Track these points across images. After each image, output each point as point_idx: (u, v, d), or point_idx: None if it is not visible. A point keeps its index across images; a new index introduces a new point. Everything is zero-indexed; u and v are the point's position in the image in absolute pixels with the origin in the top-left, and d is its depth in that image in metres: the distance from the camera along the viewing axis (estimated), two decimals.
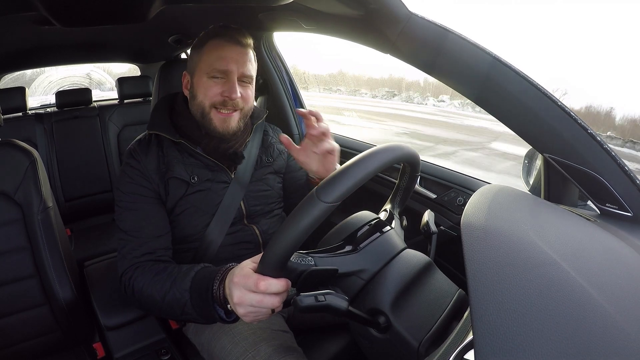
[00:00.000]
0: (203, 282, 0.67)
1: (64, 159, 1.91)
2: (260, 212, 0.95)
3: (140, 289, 0.76)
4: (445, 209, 1.10)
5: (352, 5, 0.74)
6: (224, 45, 0.84)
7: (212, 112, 0.85)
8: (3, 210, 0.89)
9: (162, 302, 0.72)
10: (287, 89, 1.57)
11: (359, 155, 0.52)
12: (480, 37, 1.92)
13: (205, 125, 0.87)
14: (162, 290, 0.72)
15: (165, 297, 0.71)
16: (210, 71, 0.84)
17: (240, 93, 0.85)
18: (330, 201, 0.46)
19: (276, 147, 1.03)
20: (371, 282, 0.59)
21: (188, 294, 0.68)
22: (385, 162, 0.53)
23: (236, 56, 0.84)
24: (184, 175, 0.87)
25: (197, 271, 0.70)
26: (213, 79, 0.84)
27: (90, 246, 1.72)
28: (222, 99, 0.84)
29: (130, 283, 0.78)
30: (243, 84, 0.87)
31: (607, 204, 0.65)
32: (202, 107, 0.86)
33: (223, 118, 0.86)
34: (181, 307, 0.70)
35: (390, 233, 0.66)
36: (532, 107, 0.64)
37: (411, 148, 0.64)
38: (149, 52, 1.93)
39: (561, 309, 0.37)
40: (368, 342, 0.59)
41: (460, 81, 0.71)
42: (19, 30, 1.11)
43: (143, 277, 0.76)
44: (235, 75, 0.84)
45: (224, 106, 0.85)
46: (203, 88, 0.85)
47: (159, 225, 0.84)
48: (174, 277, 0.72)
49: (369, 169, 0.50)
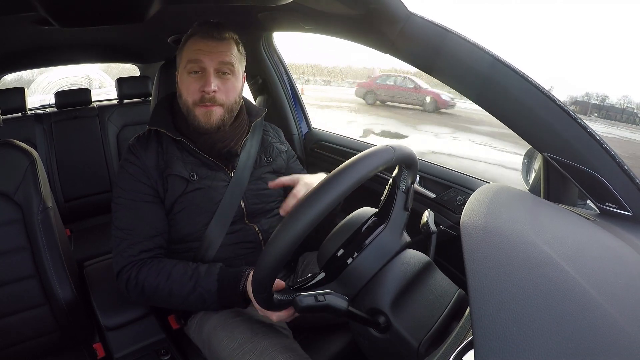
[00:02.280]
0: (230, 284, 0.79)
1: (64, 159, 1.91)
2: (260, 210, 0.96)
3: (155, 288, 0.81)
4: (445, 209, 1.10)
5: (351, 5, 0.75)
6: (199, 40, 0.85)
7: (195, 108, 0.86)
8: (3, 211, 0.89)
9: (186, 300, 0.81)
10: (286, 89, 1.57)
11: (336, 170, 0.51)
12: (474, 33, 1.91)
13: (191, 121, 0.88)
14: (183, 289, 0.80)
15: (189, 297, 0.80)
16: (186, 66, 0.85)
17: (217, 87, 0.84)
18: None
19: (276, 147, 1.03)
20: (371, 282, 0.59)
21: (216, 295, 0.79)
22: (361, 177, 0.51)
23: (210, 49, 0.84)
24: (183, 173, 0.87)
25: (219, 273, 0.81)
26: (191, 74, 0.85)
27: (90, 246, 1.72)
28: (201, 95, 0.85)
29: (137, 282, 0.81)
30: (222, 75, 0.86)
31: (606, 203, 0.65)
32: (186, 105, 0.87)
33: (205, 112, 0.86)
34: (206, 304, 0.81)
35: (382, 236, 0.63)
36: (532, 107, 0.64)
37: (405, 148, 0.61)
38: (148, 52, 1.93)
39: (561, 308, 0.37)
40: (368, 342, 0.59)
41: (459, 81, 0.71)
42: (19, 30, 1.11)
43: (156, 275, 0.81)
44: (211, 68, 0.84)
45: (202, 102, 0.85)
46: (184, 85, 0.86)
47: (154, 225, 0.86)
48: (195, 278, 0.80)
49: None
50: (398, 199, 0.65)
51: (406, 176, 0.65)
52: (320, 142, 1.54)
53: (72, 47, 1.58)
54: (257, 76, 1.58)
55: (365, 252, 0.60)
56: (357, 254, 0.60)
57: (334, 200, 0.48)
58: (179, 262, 0.84)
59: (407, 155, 0.61)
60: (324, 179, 0.50)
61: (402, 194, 0.65)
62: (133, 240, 0.83)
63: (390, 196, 0.66)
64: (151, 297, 0.83)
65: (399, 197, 0.65)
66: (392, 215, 0.64)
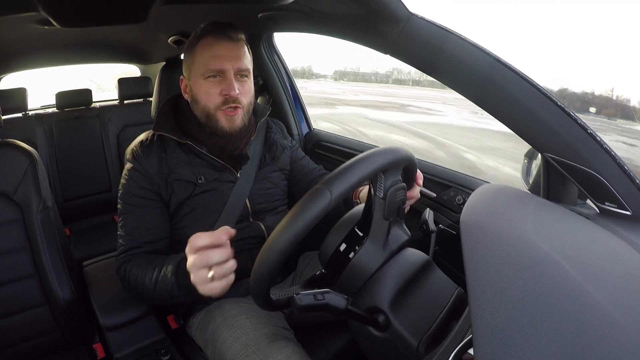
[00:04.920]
0: (184, 266, 0.69)
1: (64, 160, 1.91)
2: (265, 209, 0.96)
3: (135, 279, 0.79)
4: (445, 208, 1.10)
5: (352, 5, 0.75)
6: (214, 42, 0.83)
7: (217, 113, 0.85)
8: (2, 211, 0.89)
9: (155, 291, 0.75)
10: (287, 89, 1.57)
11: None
12: (473, 33, 1.91)
13: (211, 126, 0.86)
14: (153, 277, 0.76)
15: (157, 286, 0.75)
16: (205, 72, 0.83)
17: (238, 89, 0.83)
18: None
19: (279, 143, 1.04)
20: (370, 281, 0.59)
21: (174, 277, 0.72)
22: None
23: (229, 52, 0.83)
24: (190, 177, 0.87)
25: (182, 257, 0.71)
26: (210, 79, 0.83)
27: (89, 246, 1.72)
28: (223, 98, 0.83)
29: (125, 274, 0.82)
30: (240, 79, 0.85)
31: (606, 202, 0.65)
32: (206, 110, 0.85)
33: (229, 117, 0.85)
34: (169, 292, 0.73)
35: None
36: (532, 107, 0.64)
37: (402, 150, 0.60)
38: (149, 52, 1.93)
39: (560, 307, 0.37)
40: (367, 341, 0.59)
41: (460, 82, 0.71)
42: (19, 31, 1.11)
43: (137, 267, 0.80)
44: (232, 72, 0.83)
45: (226, 104, 0.84)
46: (203, 91, 0.84)
47: (157, 233, 0.87)
48: (162, 265, 0.75)
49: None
50: (376, 207, 0.60)
51: (384, 179, 0.59)
52: (320, 142, 1.54)
53: (72, 47, 1.58)
54: (258, 76, 1.58)
55: (362, 249, 0.60)
56: (358, 248, 0.60)
57: (331, 203, 0.49)
58: (160, 256, 0.82)
59: (403, 158, 0.60)
60: (322, 180, 0.51)
61: (380, 200, 0.59)
62: (135, 244, 0.85)
63: (368, 205, 0.62)
64: (137, 290, 0.80)
65: (376, 205, 0.60)
66: (372, 226, 0.60)
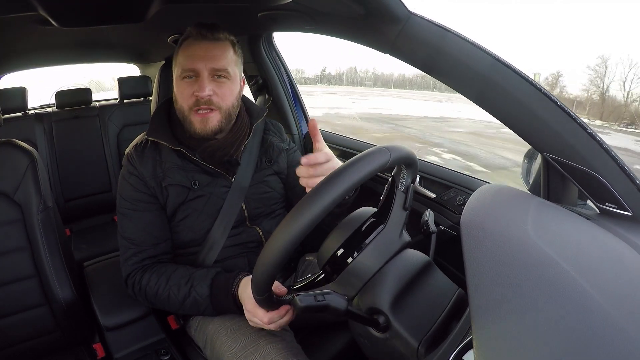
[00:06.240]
0: (222, 289, 0.79)
1: (64, 159, 1.91)
2: (262, 213, 0.95)
3: (155, 293, 0.83)
4: (445, 209, 1.10)
5: (351, 5, 0.74)
6: (193, 43, 0.83)
7: (190, 114, 0.84)
8: (2, 211, 0.89)
9: (182, 305, 0.82)
10: (286, 89, 1.57)
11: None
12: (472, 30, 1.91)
13: (187, 128, 0.86)
14: (180, 294, 0.81)
15: (185, 301, 0.81)
16: (181, 72, 0.83)
17: (213, 90, 0.82)
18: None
19: (276, 146, 1.00)
20: (371, 282, 0.59)
21: (209, 300, 0.80)
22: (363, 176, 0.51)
23: (204, 52, 0.81)
24: (184, 182, 0.86)
25: (213, 278, 0.81)
26: (186, 79, 0.83)
27: (89, 246, 1.72)
28: (195, 99, 0.82)
29: (141, 287, 0.84)
30: (217, 79, 0.83)
31: (606, 203, 0.65)
32: (182, 111, 0.85)
33: (201, 119, 0.83)
34: (201, 309, 0.82)
35: (380, 238, 0.63)
36: (532, 107, 0.64)
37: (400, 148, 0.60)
38: (148, 52, 1.92)
39: (560, 308, 0.37)
40: (368, 342, 0.59)
41: (459, 81, 0.70)
42: (19, 30, 1.10)
43: (156, 281, 0.83)
44: (204, 72, 0.81)
45: (197, 105, 0.82)
46: (179, 91, 0.84)
47: (158, 235, 0.87)
48: (190, 283, 0.81)
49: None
50: (397, 199, 0.65)
51: (405, 175, 0.65)
52: None
53: (72, 47, 1.58)
54: (257, 76, 1.58)
55: (365, 251, 0.60)
56: (357, 254, 0.60)
57: (331, 203, 0.48)
58: (179, 267, 0.85)
59: (404, 156, 0.60)
60: (321, 181, 0.50)
61: (401, 193, 0.65)
62: (137, 249, 0.86)
63: (389, 196, 0.66)
64: (153, 301, 0.85)
65: (398, 197, 0.65)
66: (391, 214, 0.64)
